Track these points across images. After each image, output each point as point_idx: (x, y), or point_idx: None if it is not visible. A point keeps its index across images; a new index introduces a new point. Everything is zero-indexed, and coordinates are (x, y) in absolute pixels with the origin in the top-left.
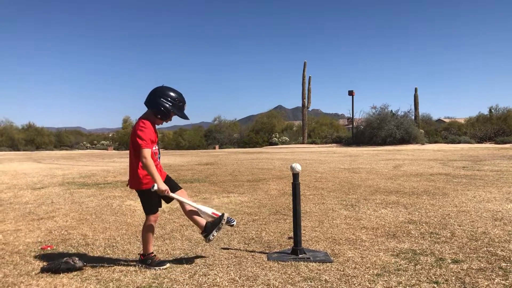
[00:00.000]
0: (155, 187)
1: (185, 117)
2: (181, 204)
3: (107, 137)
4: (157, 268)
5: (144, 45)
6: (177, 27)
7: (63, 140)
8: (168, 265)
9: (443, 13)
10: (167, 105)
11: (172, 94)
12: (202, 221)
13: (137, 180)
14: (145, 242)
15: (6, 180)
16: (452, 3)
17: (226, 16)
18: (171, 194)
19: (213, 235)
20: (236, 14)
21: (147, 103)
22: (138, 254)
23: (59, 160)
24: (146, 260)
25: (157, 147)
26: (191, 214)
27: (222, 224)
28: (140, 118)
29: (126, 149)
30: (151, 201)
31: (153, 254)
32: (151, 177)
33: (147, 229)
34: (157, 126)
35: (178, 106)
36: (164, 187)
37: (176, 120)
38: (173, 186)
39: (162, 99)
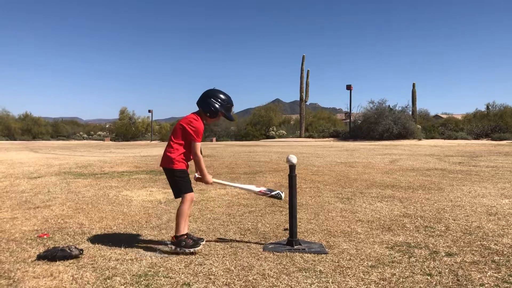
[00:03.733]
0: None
1: (231, 118)
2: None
3: (104, 127)
4: (192, 249)
5: (141, 37)
6: (174, 20)
7: (60, 130)
8: (204, 241)
9: (441, 9)
10: (216, 105)
11: (221, 96)
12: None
13: (172, 160)
14: (179, 224)
15: (3, 169)
16: None
17: (223, 9)
18: (215, 180)
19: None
20: (234, 8)
21: (199, 102)
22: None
23: (56, 150)
24: (180, 242)
25: None
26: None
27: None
28: (193, 113)
29: (124, 141)
30: (187, 179)
31: (186, 236)
32: (200, 169)
33: (184, 209)
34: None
35: (226, 107)
36: (210, 179)
37: (174, 112)
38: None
39: (212, 99)
